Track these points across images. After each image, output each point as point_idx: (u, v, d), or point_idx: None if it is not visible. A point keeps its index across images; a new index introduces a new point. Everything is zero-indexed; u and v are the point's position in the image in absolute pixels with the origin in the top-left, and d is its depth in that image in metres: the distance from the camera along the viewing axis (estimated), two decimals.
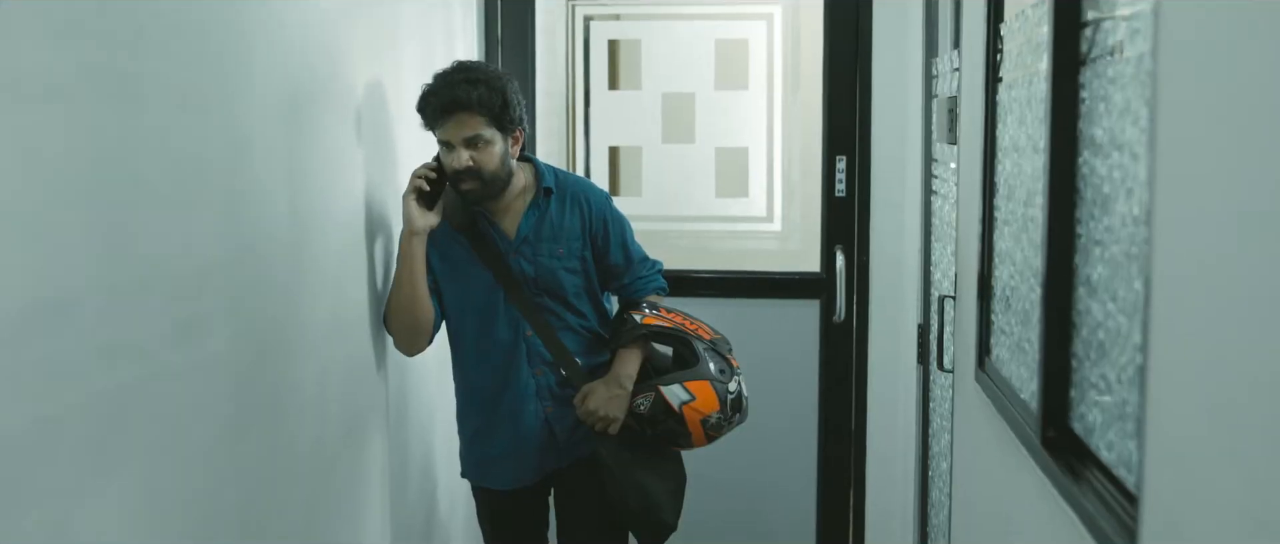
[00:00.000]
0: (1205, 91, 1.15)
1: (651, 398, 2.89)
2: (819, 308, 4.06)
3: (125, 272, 1.59)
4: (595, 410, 2.88)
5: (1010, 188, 2.18)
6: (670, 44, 4.20)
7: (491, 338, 2.93)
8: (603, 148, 4.24)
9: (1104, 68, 1.64)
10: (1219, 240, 1.10)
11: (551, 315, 2.93)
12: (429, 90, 2.77)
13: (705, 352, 2.94)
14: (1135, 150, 1.48)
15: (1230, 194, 1.07)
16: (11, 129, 1.34)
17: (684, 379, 2.90)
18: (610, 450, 2.91)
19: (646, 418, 2.90)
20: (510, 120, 2.79)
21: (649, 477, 2.94)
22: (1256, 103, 1.02)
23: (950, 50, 3.14)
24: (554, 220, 2.93)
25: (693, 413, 2.88)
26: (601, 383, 2.92)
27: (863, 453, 4.06)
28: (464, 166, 2.75)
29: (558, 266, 2.92)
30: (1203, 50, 1.17)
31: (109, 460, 1.56)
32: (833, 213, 4.01)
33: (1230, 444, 1.07)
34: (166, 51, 1.71)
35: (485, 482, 3.08)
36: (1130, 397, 1.49)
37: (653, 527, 2.94)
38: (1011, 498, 2.12)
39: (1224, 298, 1.08)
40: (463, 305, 2.92)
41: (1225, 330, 1.08)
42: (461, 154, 2.75)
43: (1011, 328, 2.17)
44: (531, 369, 2.95)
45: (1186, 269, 1.19)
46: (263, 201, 2.08)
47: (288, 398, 2.22)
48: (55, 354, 1.43)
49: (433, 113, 2.76)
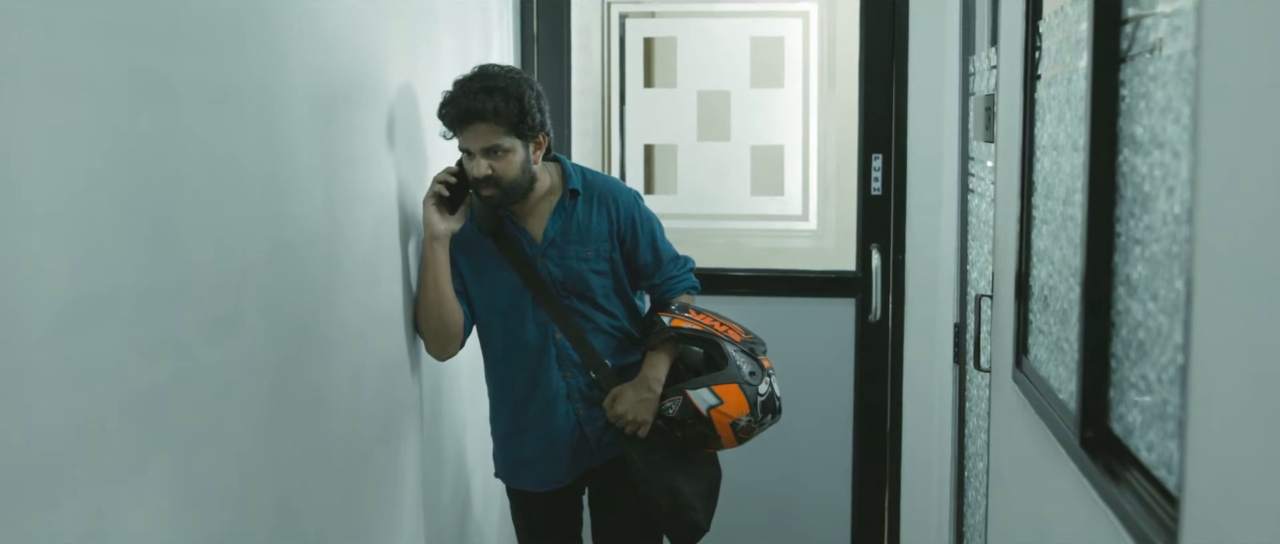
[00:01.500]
0: (1248, 89, 1.14)
1: (680, 402, 2.88)
2: (854, 307, 4.05)
3: (163, 269, 1.60)
4: (624, 414, 2.88)
5: (1049, 186, 2.17)
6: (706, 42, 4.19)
7: (520, 340, 2.92)
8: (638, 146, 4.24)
9: (1144, 65, 1.63)
10: (1262, 239, 1.09)
11: (580, 317, 2.92)
12: (448, 98, 2.75)
13: (735, 353, 2.93)
14: (1176, 148, 1.46)
15: (1273, 192, 1.06)
16: (52, 126, 1.35)
17: (712, 382, 2.89)
18: (639, 453, 2.90)
19: (675, 421, 2.89)
20: (530, 128, 2.76)
21: (679, 478, 2.93)
22: None
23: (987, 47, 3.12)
24: (581, 222, 2.91)
25: (721, 417, 2.87)
26: (630, 386, 2.91)
27: (898, 453, 4.04)
28: (483, 175, 2.74)
29: (585, 269, 2.91)
30: (1246, 47, 1.15)
31: (146, 455, 1.57)
32: (868, 211, 3.99)
33: (1273, 445, 1.05)
34: (204, 50, 1.72)
35: (518, 484, 3.09)
36: (1171, 397, 1.48)
37: (685, 528, 2.93)
38: (1049, 499, 2.10)
39: (1267, 297, 1.07)
40: (491, 308, 2.92)
41: (1268, 330, 1.07)
42: (481, 163, 2.73)
43: (1050, 327, 2.15)
44: (561, 371, 2.94)
45: (1228, 268, 1.18)
46: (299, 200, 2.09)
47: (323, 395, 2.23)
48: (94, 350, 1.44)
49: (451, 121, 2.74)
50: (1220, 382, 1.20)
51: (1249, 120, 1.13)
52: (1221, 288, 1.20)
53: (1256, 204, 1.10)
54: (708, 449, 2.98)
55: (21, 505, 1.31)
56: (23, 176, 1.30)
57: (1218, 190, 1.22)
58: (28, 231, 1.31)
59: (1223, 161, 1.21)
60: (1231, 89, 1.19)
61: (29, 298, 1.32)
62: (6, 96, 1.27)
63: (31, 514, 1.32)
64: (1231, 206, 1.18)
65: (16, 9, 1.29)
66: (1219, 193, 1.22)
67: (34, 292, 1.33)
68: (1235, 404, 1.15)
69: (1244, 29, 1.16)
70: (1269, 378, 1.06)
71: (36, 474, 1.33)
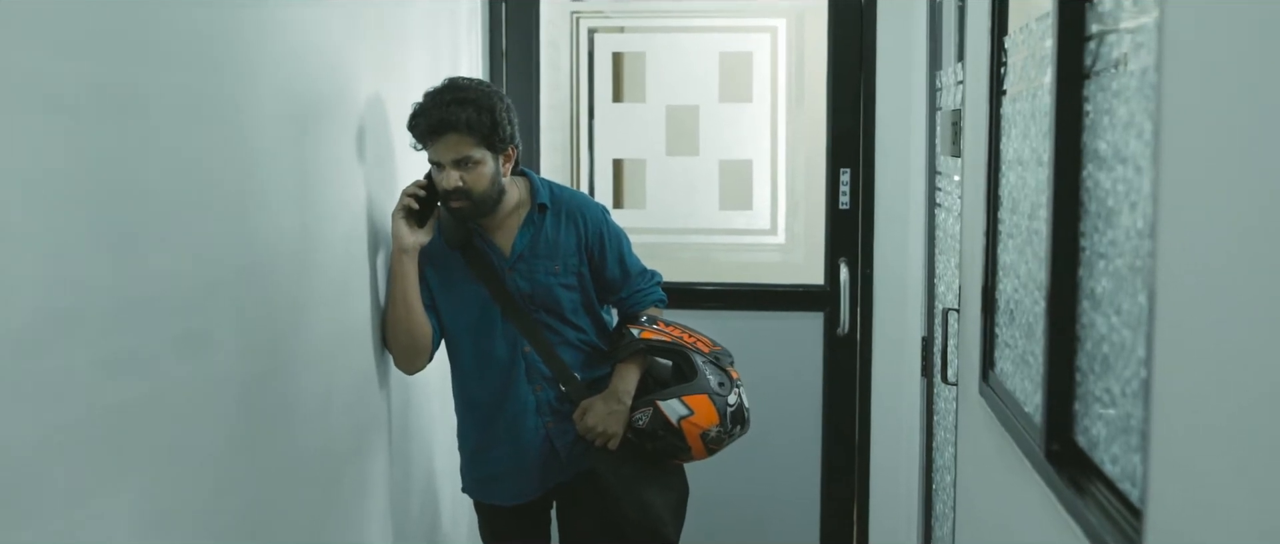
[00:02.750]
0: (1209, 104, 1.15)
1: (650, 413, 2.88)
2: (822, 320, 4.06)
3: (132, 284, 1.60)
4: (594, 426, 2.88)
5: (1014, 201, 2.18)
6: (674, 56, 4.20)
7: (489, 354, 2.92)
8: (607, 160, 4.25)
9: (1108, 81, 1.64)
10: (1224, 253, 1.10)
11: (549, 331, 2.92)
12: (419, 110, 2.74)
13: (704, 365, 2.94)
14: (1139, 163, 1.48)
15: (1235, 207, 1.07)
16: (20, 141, 1.35)
17: (682, 393, 2.89)
18: (609, 466, 2.90)
19: (646, 433, 2.89)
20: (500, 140, 2.77)
21: (649, 490, 2.93)
22: (1261, 116, 1.02)
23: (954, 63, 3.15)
24: (549, 237, 2.91)
25: (692, 427, 2.88)
26: (599, 398, 2.91)
27: (866, 465, 4.05)
28: (453, 187, 2.74)
29: (554, 283, 2.91)
30: (1207, 63, 1.17)
31: (115, 471, 1.56)
32: (836, 225, 4.01)
33: (1235, 458, 1.07)
34: (174, 64, 1.72)
35: (487, 498, 3.08)
36: (1134, 410, 1.49)
37: (654, 541, 2.94)
38: (1015, 511, 2.12)
39: (1229, 311, 1.08)
40: (459, 321, 2.92)
41: (1230, 344, 1.08)
42: (451, 175, 2.73)
43: (1015, 341, 2.17)
44: (531, 385, 2.94)
45: (1191, 282, 1.19)
46: (269, 215, 2.09)
47: (293, 410, 2.22)
48: (62, 365, 1.43)
49: (422, 133, 2.74)
50: (1183, 395, 1.22)
51: (1210, 136, 1.15)
52: (1184, 302, 1.22)
53: (1217, 219, 1.12)
54: (677, 461, 2.99)
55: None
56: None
57: (1179, 205, 1.24)
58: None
59: (1184, 176, 1.22)
60: (1192, 105, 1.20)
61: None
62: None
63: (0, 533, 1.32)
64: (1193, 221, 1.19)
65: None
66: (1181, 207, 1.23)
67: (1, 306, 1.32)
68: (1198, 417, 1.17)
69: (1205, 46, 1.17)
70: (1231, 391, 1.08)
71: (4, 490, 1.33)
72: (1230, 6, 1.10)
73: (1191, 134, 1.20)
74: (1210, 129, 1.15)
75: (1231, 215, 1.08)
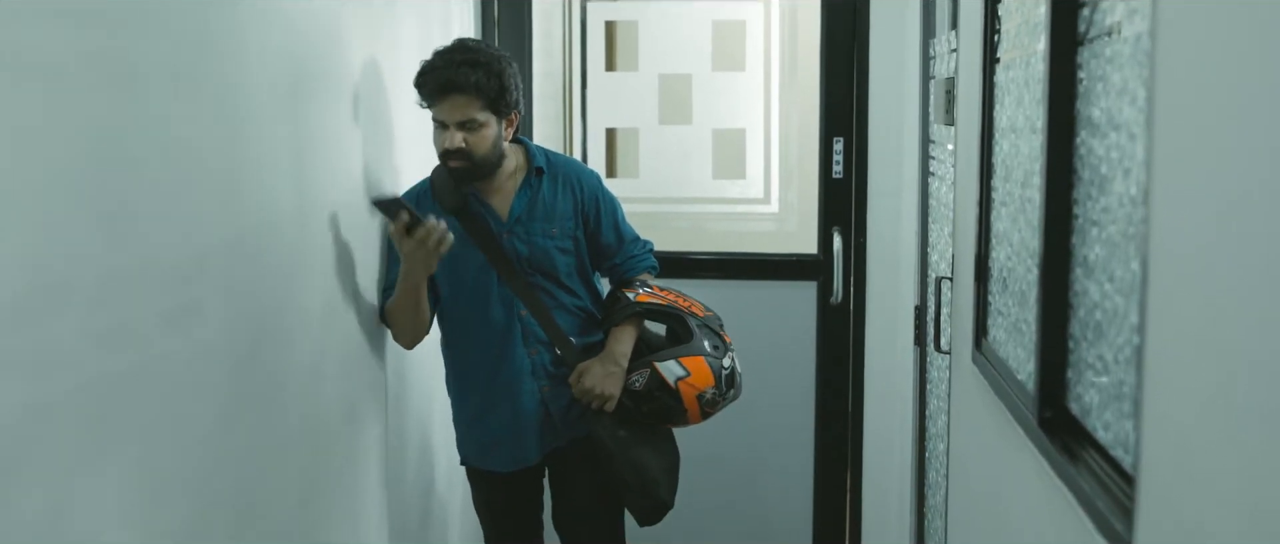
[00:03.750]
0: (1203, 71, 1.15)
1: (647, 374, 2.91)
2: (816, 290, 4.06)
3: (121, 257, 1.59)
4: (592, 388, 2.89)
5: (1007, 169, 2.18)
6: (667, 25, 4.19)
7: (485, 319, 2.92)
8: (599, 129, 4.23)
9: (1102, 48, 1.64)
10: (1217, 221, 1.10)
11: (545, 295, 2.94)
12: (428, 68, 2.76)
13: (698, 328, 2.97)
14: (1133, 130, 1.47)
15: (1228, 175, 1.07)
16: (7, 112, 1.34)
17: (679, 355, 2.93)
18: (606, 429, 2.91)
19: (642, 394, 2.91)
20: (506, 104, 2.79)
21: (645, 453, 2.95)
22: (1254, 83, 1.01)
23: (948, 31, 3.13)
24: (547, 200, 2.93)
25: (689, 388, 2.90)
26: (597, 360, 2.93)
27: (859, 434, 4.06)
28: (455, 147, 2.75)
29: (551, 246, 2.93)
30: (1200, 30, 1.16)
31: (104, 445, 1.55)
32: (830, 194, 4.00)
33: (1227, 425, 1.07)
34: (163, 34, 1.71)
35: (486, 464, 3.08)
36: (1127, 377, 1.49)
37: (651, 504, 2.96)
38: (1008, 478, 2.12)
39: (1221, 278, 1.08)
40: (456, 287, 2.92)
41: (1222, 311, 1.08)
42: (455, 135, 2.75)
43: (1008, 309, 2.17)
44: (526, 349, 2.95)
45: (1184, 250, 1.19)
46: (259, 186, 2.08)
47: (283, 383, 2.22)
48: (50, 339, 1.43)
49: (430, 92, 2.75)
50: (1175, 362, 1.21)
51: (1203, 102, 1.14)
52: (1176, 269, 1.21)
53: (1211, 186, 1.11)
54: (671, 424, 3.01)
55: None
56: None
57: (1173, 172, 1.23)
58: None
59: (1177, 143, 1.22)
60: (1186, 71, 1.20)
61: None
62: None
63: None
64: (1186, 188, 1.19)
65: None
66: (1174, 175, 1.23)
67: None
68: (1190, 384, 1.17)
69: (1198, 12, 1.17)
70: (1223, 358, 1.08)
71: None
72: None
73: (1184, 100, 1.20)
74: (1203, 95, 1.14)
75: (1224, 182, 1.08)
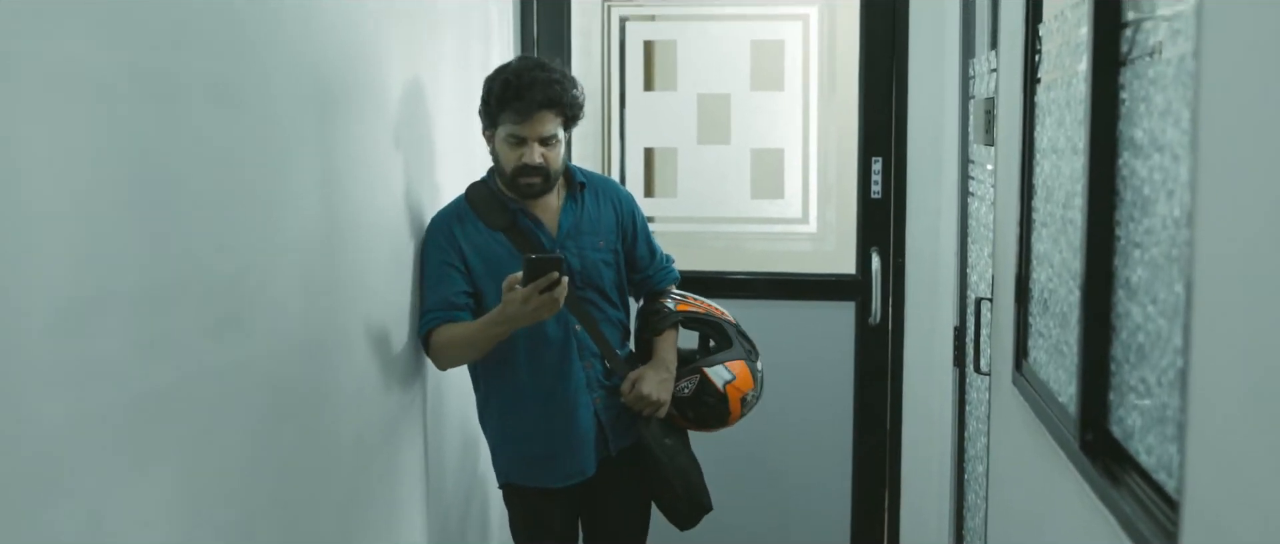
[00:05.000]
0: (1248, 92, 1.14)
1: (697, 380, 3.00)
2: (854, 310, 4.05)
3: (165, 270, 1.60)
4: (649, 395, 2.94)
5: (1048, 189, 2.17)
6: (706, 45, 4.19)
7: (541, 334, 2.91)
8: (638, 149, 4.24)
9: (1144, 68, 1.63)
10: (1262, 242, 1.09)
11: (593, 308, 2.97)
12: (514, 83, 2.78)
13: (734, 334, 3.08)
14: (1176, 152, 1.46)
15: (1273, 196, 1.06)
16: (54, 126, 1.36)
17: (725, 360, 3.04)
18: (655, 437, 2.97)
19: (689, 400, 3.00)
20: (575, 121, 2.87)
21: (687, 460, 3.03)
22: None
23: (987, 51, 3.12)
24: (592, 214, 2.98)
25: (734, 392, 3.02)
26: (649, 368, 2.99)
27: (898, 455, 4.04)
28: (536, 163, 2.79)
29: (598, 260, 2.97)
30: (1246, 50, 1.15)
31: (146, 457, 1.57)
32: (868, 214, 3.99)
33: (1273, 448, 1.05)
34: (206, 50, 1.73)
35: (538, 481, 3.01)
36: (1170, 400, 1.48)
37: (695, 509, 3.02)
38: (1049, 502, 2.10)
39: (1267, 300, 1.07)
40: None
41: (1268, 333, 1.07)
42: (535, 149, 2.79)
43: (1049, 330, 2.15)
44: (582, 362, 2.97)
45: (1228, 271, 1.18)
46: (301, 201, 2.09)
47: (324, 398, 2.23)
48: (95, 351, 1.44)
49: (520, 107, 2.76)
50: (1220, 385, 1.20)
51: (1248, 123, 1.13)
52: (1221, 291, 1.20)
53: (1256, 207, 1.11)
54: (712, 428, 3.08)
55: (20, 506, 1.31)
56: (24, 175, 1.31)
57: (1217, 193, 1.22)
58: (29, 231, 1.32)
59: (1222, 165, 1.21)
60: (1231, 92, 1.19)
61: (30, 297, 1.32)
62: (8, 95, 1.28)
63: (29, 515, 1.32)
64: (1231, 210, 1.18)
65: (19, 8, 1.29)
66: (1218, 196, 1.22)
67: (35, 291, 1.33)
68: (1235, 407, 1.16)
69: (1243, 32, 1.16)
70: (1269, 381, 1.07)
71: (35, 475, 1.34)
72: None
73: (1230, 122, 1.19)
74: (1249, 117, 1.13)
75: (1270, 204, 1.07)
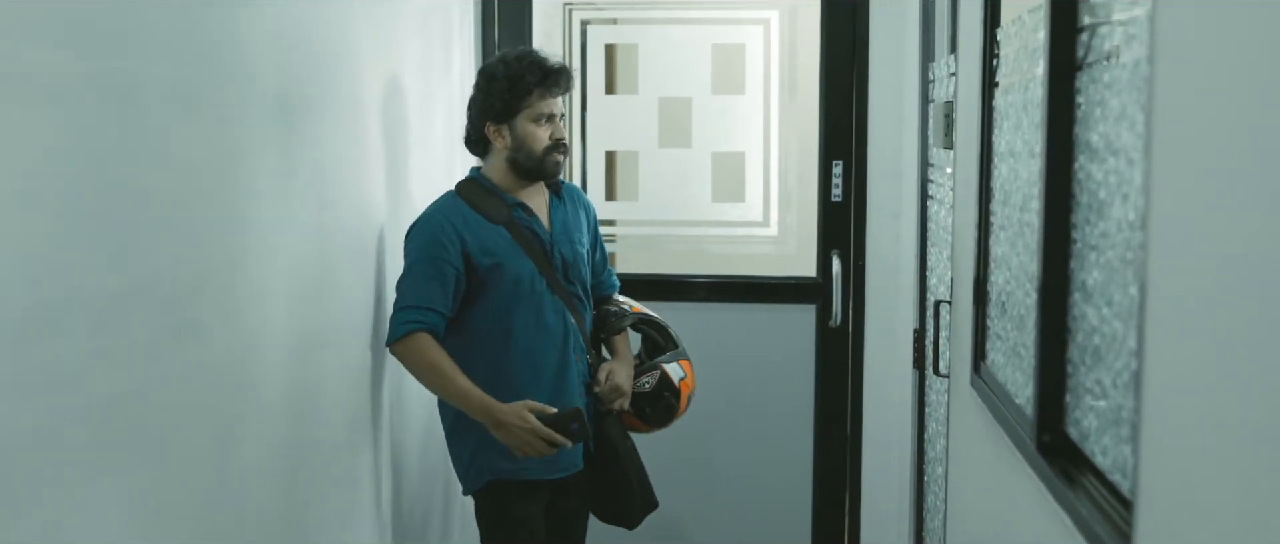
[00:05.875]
0: (1200, 96, 1.15)
1: (657, 376, 3.11)
2: (815, 313, 4.06)
3: (124, 276, 1.59)
4: (620, 386, 3.04)
5: (1006, 193, 2.18)
6: (667, 48, 4.19)
7: (544, 325, 2.96)
8: (599, 152, 4.24)
9: (1100, 73, 1.64)
10: (1214, 245, 1.10)
11: (578, 303, 3.05)
12: (541, 66, 2.93)
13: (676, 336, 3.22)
14: (1131, 155, 1.48)
15: (1226, 199, 1.07)
16: (11, 131, 1.34)
17: (677, 358, 3.17)
18: (617, 431, 3.07)
19: (649, 396, 3.11)
20: None
21: (638, 459, 3.13)
22: (1251, 108, 1.02)
23: (947, 55, 3.14)
24: (572, 214, 3.08)
25: (686, 387, 3.16)
26: (618, 362, 3.10)
27: (858, 458, 4.06)
28: (562, 137, 2.98)
29: (582, 255, 3.06)
30: (1198, 55, 1.17)
31: (106, 464, 1.55)
32: (829, 218, 4.01)
33: (1225, 449, 1.07)
34: (165, 55, 1.72)
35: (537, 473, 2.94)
36: (1125, 402, 1.49)
37: (646, 504, 3.12)
38: (1007, 503, 2.12)
39: (1220, 303, 1.08)
40: (513, 299, 2.93)
41: (1221, 335, 1.08)
42: (559, 125, 2.98)
43: (1007, 333, 2.17)
44: (574, 355, 3.02)
45: (1182, 274, 1.19)
46: (261, 206, 2.08)
47: (286, 402, 2.22)
48: (54, 357, 1.43)
49: (550, 85, 2.94)
50: (1173, 386, 1.22)
51: (1201, 128, 1.15)
52: (1174, 293, 1.22)
53: (1209, 211, 1.12)
54: (661, 426, 3.18)
55: None
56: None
57: (1171, 197, 1.24)
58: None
59: (1175, 168, 1.22)
60: (1184, 97, 1.20)
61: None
62: None
63: None
64: (1184, 213, 1.19)
65: None
66: (1172, 199, 1.23)
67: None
68: (1188, 409, 1.17)
69: (1196, 38, 1.17)
70: (1221, 382, 1.08)
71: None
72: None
73: (1183, 126, 1.20)
74: (1202, 121, 1.15)
75: (1222, 207, 1.08)
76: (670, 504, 4.03)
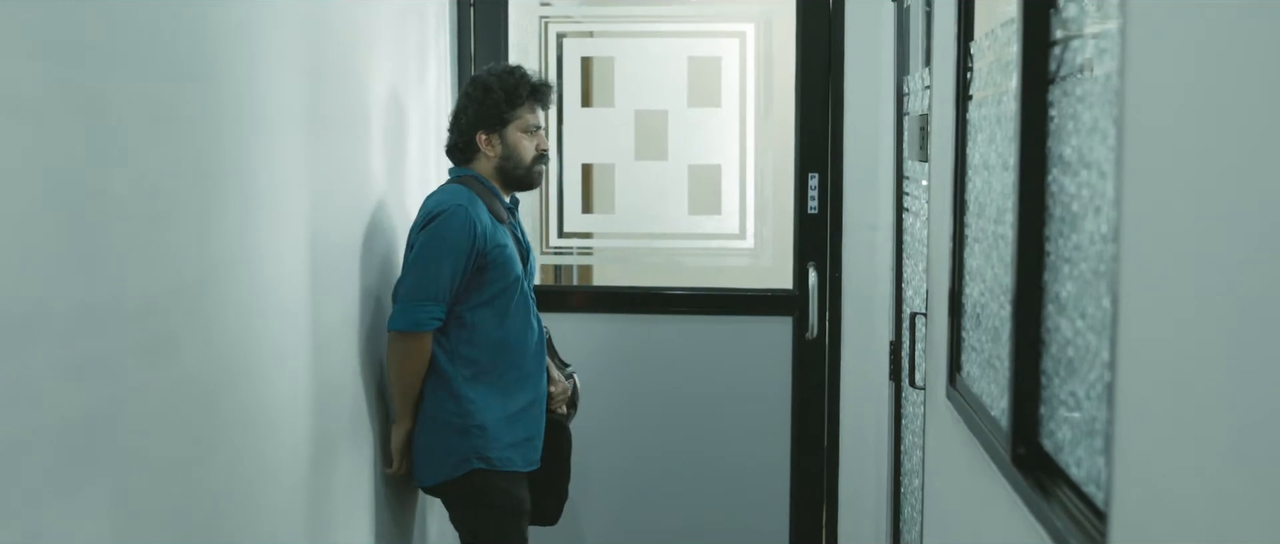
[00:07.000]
0: (1171, 110, 1.16)
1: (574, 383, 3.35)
2: (791, 325, 4.06)
3: (94, 290, 1.58)
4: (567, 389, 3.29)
5: (980, 205, 2.19)
6: (643, 61, 4.19)
7: (529, 326, 3.12)
8: (576, 165, 4.24)
9: (1073, 86, 1.65)
10: (1186, 258, 1.11)
11: None
12: (531, 80, 3.08)
13: None
14: (1103, 168, 1.49)
15: (1196, 211, 1.08)
16: None
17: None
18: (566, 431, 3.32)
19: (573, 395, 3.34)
20: None
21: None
22: (1222, 121, 1.03)
23: (921, 68, 3.16)
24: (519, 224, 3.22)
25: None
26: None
27: (835, 469, 4.06)
28: (546, 149, 3.14)
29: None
30: (1169, 69, 1.18)
31: (79, 478, 1.54)
32: (805, 230, 4.02)
33: (1197, 460, 1.07)
34: (137, 68, 1.71)
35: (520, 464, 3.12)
36: (1099, 413, 1.50)
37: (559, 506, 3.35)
38: (982, 514, 2.12)
39: (1191, 315, 1.09)
40: (512, 295, 3.06)
41: (1192, 347, 1.09)
42: (543, 138, 3.13)
43: (982, 345, 2.18)
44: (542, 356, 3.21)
45: (1154, 286, 1.20)
46: (233, 218, 2.07)
47: (258, 416, 2.21)
48: (25, 372, 1.42)
49: (541, 99, 3.11)
50: (1146, 398, 1.22)
51: (1171, 141, 1.15)
52: (1146, 305, 1.22)
53: (1179, 223, 1.13)
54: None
55: None
56: None
57: (1142, 210, 1.25)
58: None
59: (1147, 181, 1.23)
60: (1154, 110, 1.21)
61: None
62: None
63: None
64: (1155, 225, 1.20)
65: None
66: (1143, 212, 1.24)
67: None
68: (1161, 420, 1.17)
69: (1166, 52, 1.18)
70: (1193, 394, 1.09)
71: None
72: (1190, 14, 1.11)
73: (1153, 139, 1.21)
74: (1172, 134, 1.15)
75: (1193, 219, 1.09)
76: (647, 517, 4.03)
